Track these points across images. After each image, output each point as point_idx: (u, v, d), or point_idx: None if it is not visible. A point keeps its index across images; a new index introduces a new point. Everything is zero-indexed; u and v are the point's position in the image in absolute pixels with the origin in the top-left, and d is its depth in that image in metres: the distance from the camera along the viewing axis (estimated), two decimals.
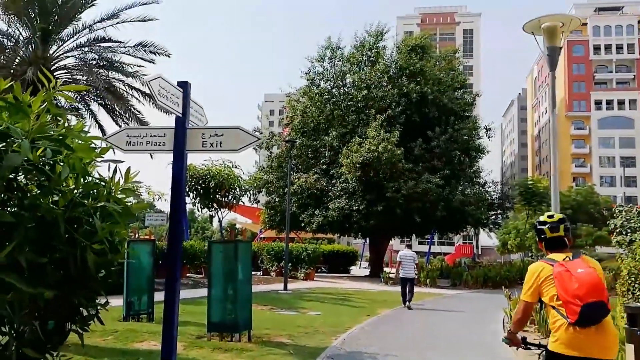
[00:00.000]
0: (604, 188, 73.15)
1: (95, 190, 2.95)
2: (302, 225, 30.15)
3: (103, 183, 3.04)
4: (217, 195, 13.64)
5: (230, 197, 13.70)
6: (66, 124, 2.98)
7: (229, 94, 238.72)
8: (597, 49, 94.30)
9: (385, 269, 32.55)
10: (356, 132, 29.79)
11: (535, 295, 3.67)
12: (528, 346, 4.00)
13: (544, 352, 3.74)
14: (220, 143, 5.50)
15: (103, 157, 3.16)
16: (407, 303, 15.40)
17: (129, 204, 3.10)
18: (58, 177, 2.68)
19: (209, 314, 8.82)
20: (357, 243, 55.70)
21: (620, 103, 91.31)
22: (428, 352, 8.55)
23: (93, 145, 3.09)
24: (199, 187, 14.36)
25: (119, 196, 3.02)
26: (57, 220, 2.66)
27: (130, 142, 5.80)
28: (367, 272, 34.48)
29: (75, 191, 2.83)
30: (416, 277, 16.88)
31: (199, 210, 16.25)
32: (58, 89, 2.95)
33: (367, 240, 35.58)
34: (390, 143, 26.39)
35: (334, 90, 33.10)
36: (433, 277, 26.17)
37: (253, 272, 27.72)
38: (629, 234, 20.58)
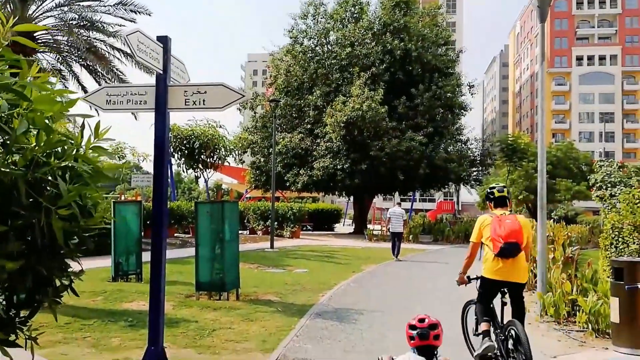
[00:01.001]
0: (582, 144, 74.17)
1: (61, 149, 2.57)
2: (287, 184, 30.22)
3: (72, 141, 2.68)
4: (202, 156, 13.49)
5: (215, 157, 13.55)
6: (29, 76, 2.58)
7: (212, 55, 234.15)
8: (579, 3, 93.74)
9: (368, 226, 32.97)
10: (340, 90, 29.56)
11: (479, 237, 5.17)
12: (470, 280, 5.32)
13: (479, 280, 5.21)
14: (204, 101, 5.38)
15: (70, 112, 2.76)
16: (396, 256, 16.72)
17: (100, 164, 2.74)
18: (14, 133, 2.34)
19: (197, 273, 8.88)
20: (341, 201, 56.11)
21: (601, 59, 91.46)
22: (417, 307, 8.72)
23: (60, 99, 2.70)
24: (184, 148, 14.17)
25: (90, 155, 2.68)
26: (16, 182, 2.33)
27: (110, 100, 5.64)
28: (351, 229, 34.93)
29: (37, 149, 2.45)
30: (404, 231, 18.29)
31: (184, 171, 16.13)
32: (11, 29, 2.55)
33: (351, 199, 35.85)
34: (374, 101, 26.28)
35: (317, 48, 32.63)
36: (415, 233, 26.59)
37: (240, 232, 28.15)
38: (609, 189, 20.98)
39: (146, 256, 5.54)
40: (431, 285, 11.36)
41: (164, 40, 5.46)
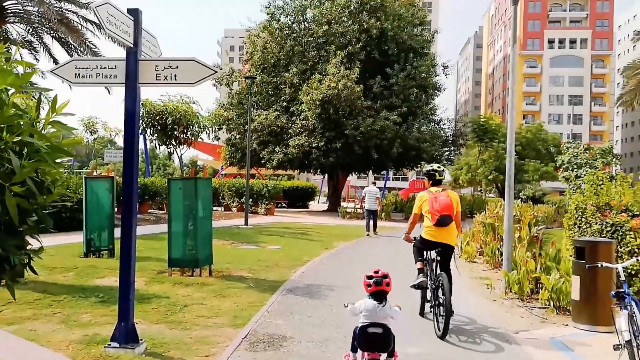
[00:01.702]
0: (551, 125, 75.52)
1: (15, 123, 2.44)
2: (263, 162, 30.15)
3: (28, 115, 2.55)
4: (175, 132, 13.29)
5: (188, 133, 13.38)
6: None
7: (188, 30, 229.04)
8: None
9: (342, 203, 33.20)
10: (316, 68, 29.41)
11: (420, 210, 6.63)
12: (414, 239, 6.75)
13: (418, 239, 6.67)
14: (175, 76, 5.32)
15: (29, 85, 2.61)
16: (371, 231, 17.96)
17: (58, 140, 2.63)
18: None
19: (170, 250, 8.87)
20: (316, 179, 56.24)
21: (572, 42, 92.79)
22: None
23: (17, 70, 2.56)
24: (156, 124, 13.95)
25: (50, 131, 2.55)
26: None
27: (79, 74, 5.55)
28: (325, 207, 35.13)
29: None
30: (379, 208, 19.43)
31: (156, 148, 15.88)
32: None
33: (326, 177, 35.99)
34: (350, 80, 26.27)
35: (294, 25, 32.29)
36: (388, 211, 26.91)
37: (215, 208, 28.15)
38: (575, 170, 21.59)
39: (118, 232, 5.51)
40: (399, 258, 11.58)
41: (135, 13, 5.36)
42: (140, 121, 14.18)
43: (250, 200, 25.13)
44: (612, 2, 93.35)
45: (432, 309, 6.19)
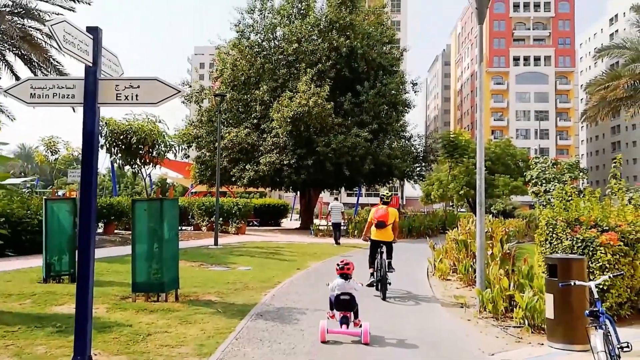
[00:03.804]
0: (519, 140, 77.13)
1: None
2: (234, 179, 29.78)
3: None
4: (140, 151, 12.92)
5: (154, 152, 13.02)
6: None
7: (157, 47, 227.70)
8: (516, 6, 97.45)
9: (315, 221, 32.98)
10: (287, 86, 29.36)
11: (371, 219, 10.07)
12: (369, 239, 10.20)
13: (371, 240, 10.12)
14: (137, 96, 5.10)
15: None
16: (337, 242, 20.57)
17: None
18: None
19: (134, 274, 8.53)
20: (288, 196, 55.98)
21: (537, 59, 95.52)
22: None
23: None
24: (120, 143, 13.56)
25: None
26: None
27: (34, 94, 5.28)
28: (297, 224, 34.86)
29: None
30: (343, 222, 22.26)
31: (120, 167, 15.43)
32: None
33: (298, 194, 35.77)
34: (321, 97, 26.28)
35: (264, 43, 32.29)
36: (361, 228, 26.75)
37: (184, 228, 27.61)
38: (544, 184, 21.92)
39: None
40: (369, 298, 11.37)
41: (94, 32, 5.14)
42: (104, 140, 13.76)
43: (221, 219, 24.71)
44: (573, 22, 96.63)
45: (379, 281, 9.51)
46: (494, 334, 6.87)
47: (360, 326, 6.49)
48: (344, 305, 6.64)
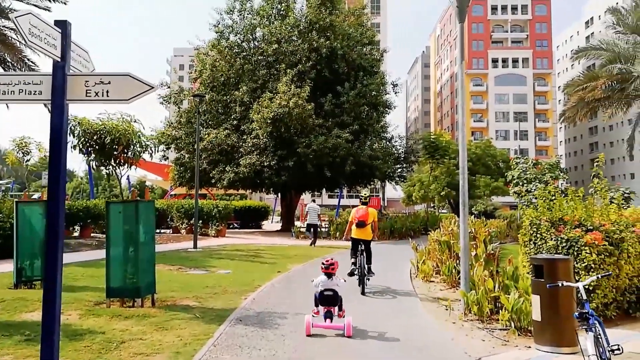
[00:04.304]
0: (499, 141, 77.81)
1: None
2: (213, 181, 29.42)
3: None
4: (115, 152, 12.53)
5: (129, 153, 12.62)
6: None
7: (136, 49, 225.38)
8: (494, 9, 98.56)
9: (296, 223, 32.73)
10: (267, 87, 29.12)
11: (352, 219, 10.74)
12: (350, 239, 10.84)
13: (352, 238, 10.78)
14: (108, 92, 4.83)
15: None
16: (313, 244, 20.78)
17: None
18: None
19: (108, 278, 8.22)
20: (269, 198, 55.60)
21: (515, 61, 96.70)
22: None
23: None
24: (93, 144, 13.16)
25: None
26: None
27: None
28: (278, 227, 34.59)
29: None
30: (325, 223, 22.96)
31: (93, 169, 15.01)
32: None
33: (279, 195, 35.50)
34: (301, 98, 26.07)
35: (244, 44, 32.01)
36: (342, 230, 26.59)
37: (163, 231, 27.14)
38: (525, 185, 22.04)
39: None
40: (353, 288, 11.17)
41: (62, 25, 4.87)
42: (77, 141, 13.35)
43: (200, 221, 24.34)
44: (550, 24, 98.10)
45: (359, 279, 10.15)
46: (480, 337, 6.72)
47: (344, 317, 6.95)
48: (328, 300, 7.08)
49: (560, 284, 5.00)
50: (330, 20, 30.00)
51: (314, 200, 23.19)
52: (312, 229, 21.44)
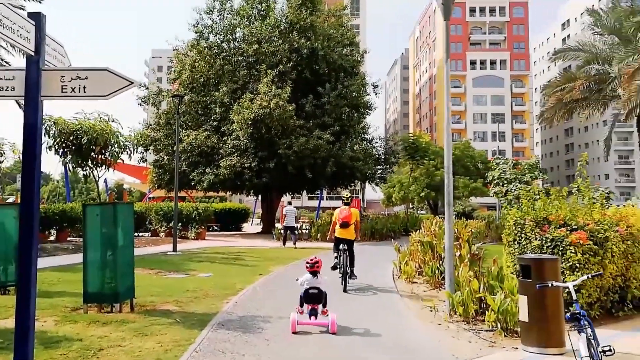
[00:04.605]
0: (477, 143, 78.65)
1: None
2: (193, 184, 29.05)
3: None
4: (92, 153, 12.15)
5: (107, 154, 12.24)
6: None
7: (113, 50, 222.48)
8: (472, 11, 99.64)
9: (277, 224, 32.51)
10: (247, 87, 28.88)
11: (335, 219, 11.24)
12: (335, 238, 11.16)
13: (334, 237, 11.26)
14: (85, 88, 4.64)
15: None
16: (293, 244, 21.15)
17: None
18: None
19: (86, 283, 7.99)
20: (249, 200, 55.24)
21: (493, 63, 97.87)
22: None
23: None
24: (70, 144, 12.77)
25: None
26: None
27: None
28: (259, 229, 34.33)
29: None
30: (297, 225, 22.98)
31: (70, 170, 14.53)
32: None
33: (259, 197, 35.24)
34: (282, 99, 25.88)
35: (223, 44, 31.67)
36: (324, 231, 26.46)
37: (141, 234, 26.69)
38: (505, 185, 22.24)
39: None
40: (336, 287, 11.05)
41: (36, 18, 4.65)
42: (52, 141, 12.92)
43: (180, 224, 24.00)
44: (527, 26, 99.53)
45: (342, 276, 10.46)
46: (467, 339, 6.65)
47: (327, 315, 7.12)
48: (313, 298, 7.26)
49: (550, 284, 4.95)
50: (310, 21, 29.87)
51: (290, 203, 23.38)
52: (289, 231, 21.72)
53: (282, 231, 22.41)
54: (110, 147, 11.97)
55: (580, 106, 26.10)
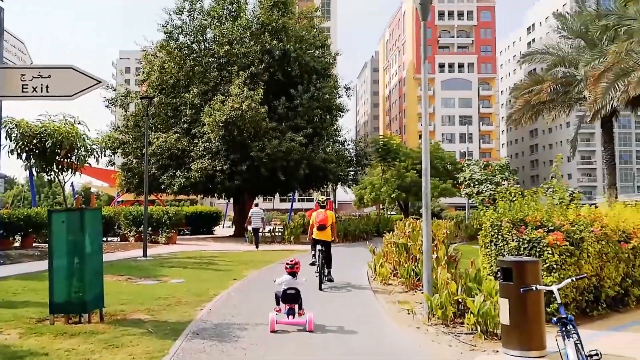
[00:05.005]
0: (445, 144, 79.52)
1: None
2: (163, 187, 28.50)
3: None
4: (57, 157, 11.58)
5: (73, 157, 11.70)
6: None
7: (79, 52, 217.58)
8: (441, 14, 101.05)
9: (249, 227, 32.16)
10: (219, 89, 28.51)
11: (313, 222, 11.80)
12: (313, 239, 11.81)
13: (313, 239, 11.81)
14: (48, 87, 4.37)
15: None
16: (256, 247, 21.64)
17: None
18: None
19: (52, 293, 7.62)
20: (220, 203, 54.65)
21: (460, 66, 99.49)
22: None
23: None
24: (33, 148, 12.20)
25: None
26: None
27: None
28: (231, 232, 33.92)
29: None
30: (262, 227, 22.80)
31: (34, 174, 13.93)
32: None
33: (231, 200, 34.83)
34: (254, 101, 25.60)
35: (194, 45, 31.17)
36: (297, 234, 26.31)
37: (110, 239, 26.02)
38: (476, 186, 22.44)
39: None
40: (315, 292, 10.89)
41: None
42: (14, 145, 12.35)
43: (150, 228, 23.48)
44: (494, 30, 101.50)
45: (318, 275, 10.92)
46: (447, 342, 6.57)
47: (304, 314, 7.38)
48: (291, 298, 7.51)
49: (534, 288, 4.89)
50: (282, 22, 29.66)
51: (256, 205, 23.45)
52: (255, 234, 22.20)
53: (253, 234, 22.67)
54: (76, 151, 11.44)
55: (547, 108, 26.57)
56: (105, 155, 19.64)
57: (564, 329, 4.30)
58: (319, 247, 11.43)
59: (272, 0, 30.08)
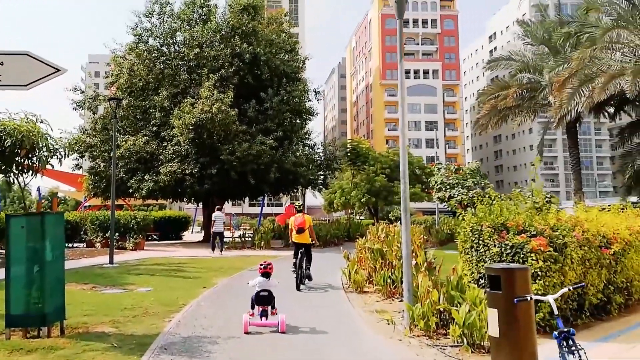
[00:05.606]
0: (412, 149, 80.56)
1: None
2: (131, 191, 27.72)
3: None
4: (17, 157, 10.93)
5: (34, 158, 11.06)
6: None
7: (47, 55, 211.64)
8: (406, 22, 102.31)
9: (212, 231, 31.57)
10: (188, 92, 28.02)
11: (292, 226, 12.62)
12: (293, 243, 12.62)
13: (292, 243, 12.66)
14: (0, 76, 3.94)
15: None
16: (220, 252, 21.69)
17: None
18: None
19: (8, 304, 7.09)
20: (189, 208, 53.64)
21: (425, 73, 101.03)
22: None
23: None
24: None
25: None
26: None
27: None
28: (200, 237, 33.24)
29: None
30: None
31: None
32: None
33: (200, 205, 34.15)
34: (224, 104, 25.17)
35: (163, 48, 30.62)
36: (267, 239, 25.88)
37: (76, 245, 25.04)
38: (448, 190, 22.47)
39: None
40: (291, 300, 10.54)
41: None
42: None
43: (117, 234, 22.73)
44: (457, 38, 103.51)
45: (298, 278, 11.55)
46: (432, 356, 6.25)
47: (277, 314, 7.59)
48: (263, 300, 7.63)
49: (529, 298, 4.67)
50: (252, 26, 29.46)
51: (219, 209, 23.35)
52: (217, 237, 22.19)
53: (212, 238, 22.61)
54: (38, 151, 10.78)
55: (513, 113, 26.99)
56: (69, 157, 18.66)
57: (564, 343, 4.08)
58: (301, 250, 12.06)
59: (242, 5, 29.83)
